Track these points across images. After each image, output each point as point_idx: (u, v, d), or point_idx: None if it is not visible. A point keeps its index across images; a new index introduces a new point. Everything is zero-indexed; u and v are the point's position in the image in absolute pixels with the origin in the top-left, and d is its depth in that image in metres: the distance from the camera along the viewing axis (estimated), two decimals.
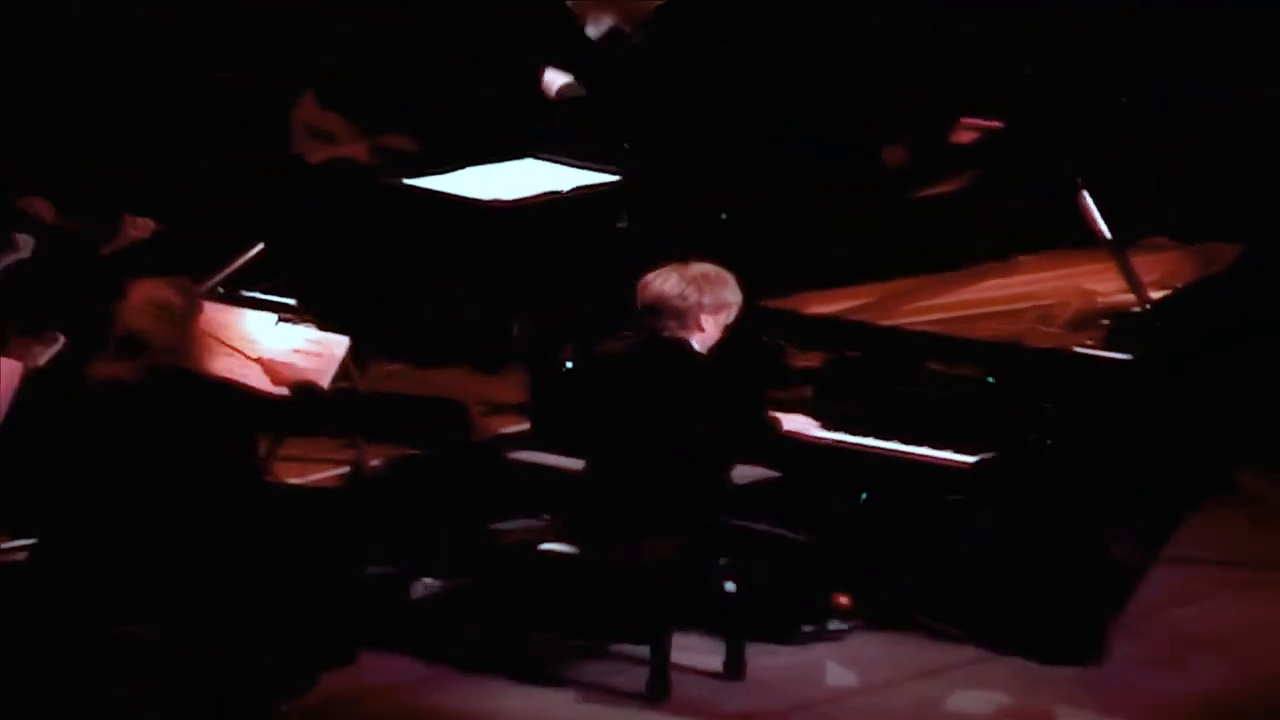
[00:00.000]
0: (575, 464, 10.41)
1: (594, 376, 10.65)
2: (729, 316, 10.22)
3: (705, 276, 10.31)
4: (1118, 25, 15.07)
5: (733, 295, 10.30)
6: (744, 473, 10.23)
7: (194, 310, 9.72)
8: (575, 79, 13.71)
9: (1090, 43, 14.99)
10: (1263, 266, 11.55)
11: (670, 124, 13.17)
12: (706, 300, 10.12)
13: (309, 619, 9.67)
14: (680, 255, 10.89)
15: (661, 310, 10.17)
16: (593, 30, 13.70)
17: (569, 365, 11.02)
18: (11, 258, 11.61)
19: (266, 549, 9.50)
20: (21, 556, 9.49)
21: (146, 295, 9.57)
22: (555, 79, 13.47)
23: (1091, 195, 10.63)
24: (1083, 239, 10.84)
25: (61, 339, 10.54)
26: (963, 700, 9.91)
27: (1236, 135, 14.04)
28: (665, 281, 10.31)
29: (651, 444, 10.06)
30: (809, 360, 10.55)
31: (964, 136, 12.41)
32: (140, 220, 12.06)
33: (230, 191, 12.82)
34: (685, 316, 10.12)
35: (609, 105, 13.48)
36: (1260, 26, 15.23)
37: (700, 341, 10.21)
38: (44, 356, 10.04)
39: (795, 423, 10.64)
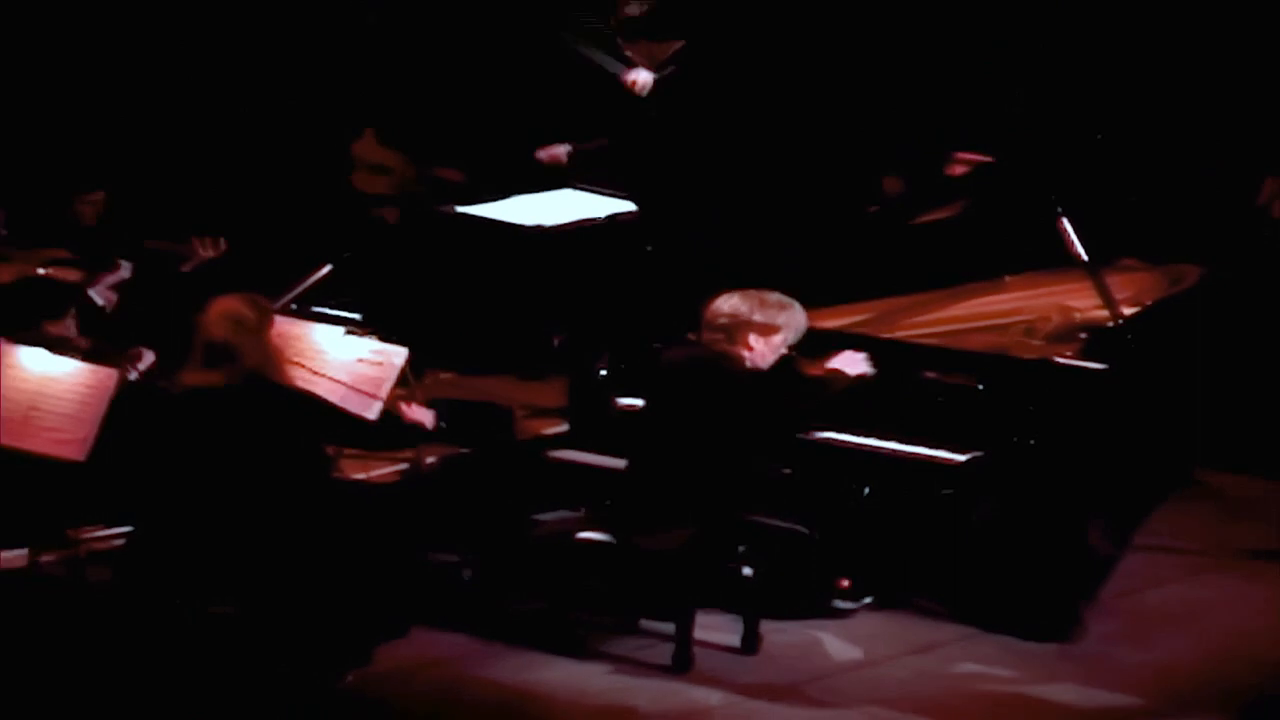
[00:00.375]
0: (607, 461, 10.50)
1: (649, 380, 10.60)
2: (783, 339, 10.21)
3: (762, 300, 10.29)
4: (1094, 70, 15.04)
5: (786, 319, 10.24)
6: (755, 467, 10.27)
7: (266, 323, 9.69)
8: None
9: (1069, 86, 14.95)
10: (1222, 285, 11.59)
11: (693, 159, 13.02)
12: (756, 318, 10.07)
13: (371, 599, 9.72)
14: (703, 276, 11.17)
15: (712, 325, 10.16)
16: (621, 69, 13.45)
17: (603, 373, 10.94)
18: (114, 278, 11.44)
19: (333, 537, 9.51)
20: (118, 543, 9.49)
21: (222, 309, 9.57)
22: (640, 75, 13.29)
23: (1070, 222, 10.62)
24: (1062, 261, 10.79)
25: (150, 353, 10.45)
26: (954, 672, 9.86)
27: (1200, 167, 13.88)
28: (727, 300, 10.28)
29: (686, 445, 10.03)
30: (817, 369, 10.36)
31: (957, 170, 12.34)
32: (213, 241, 12.05)
33: (301, 217, 12.90)
34: (733, 332, 10.10)
35: (634, 140, 13.25)
36: (1218, 71, 14.97)
37: (750, 359, 10.17)
38: (138, 368, 10.08)
39: (843, 359, 10.53)
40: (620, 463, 10.46)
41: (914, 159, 13.48)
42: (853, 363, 10.57)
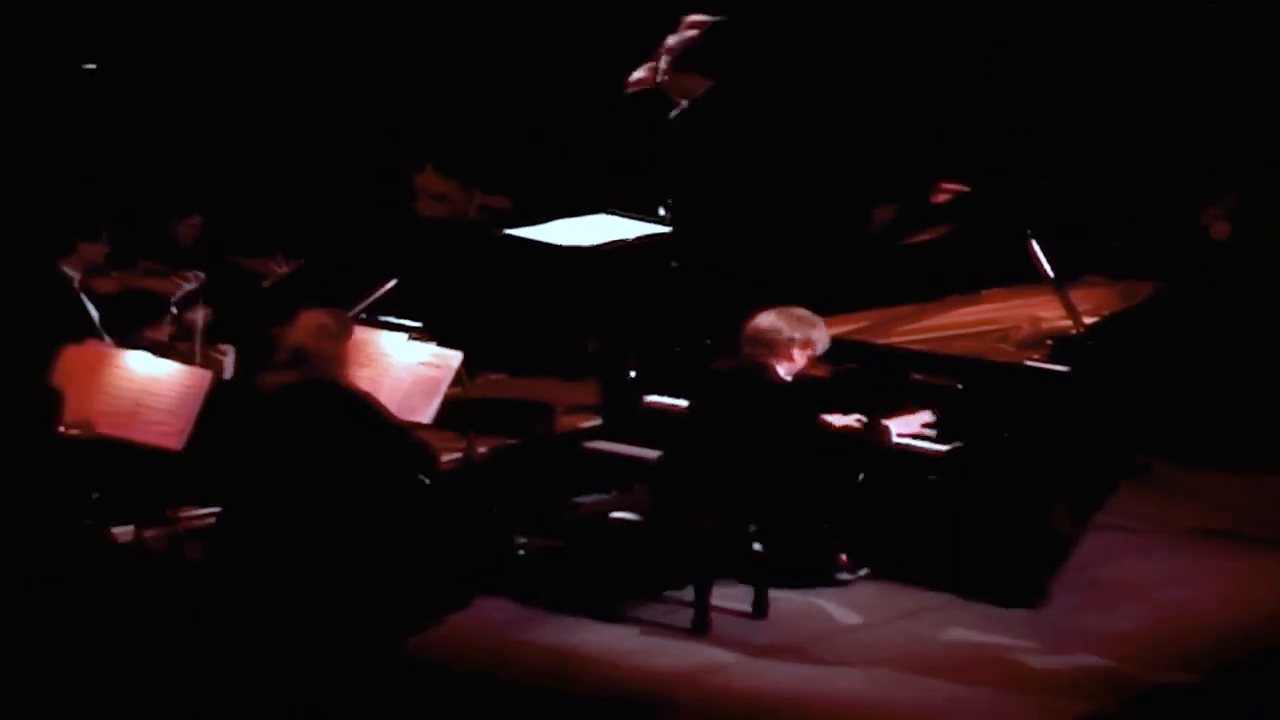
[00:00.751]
0: (635, 451, 10.57)
1: (697, 386, 10.57)
2: (815, 351, 10.28)
3: (799, 317, 10.36)
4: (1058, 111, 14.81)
5: (819, 334, 10.34)
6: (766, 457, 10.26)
7: (346, 333, 9.82)
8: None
9: (1039, 123, 14.79)
10: (1172, 299, 11.54)
11: (714, 187, 12.80)
12: (797, 335, 10.15)
13: (436, 572, 9.78)
14: (723, 291, 11.44)
15: (759, 340, 10.21)
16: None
17: (631, 374, 11.00)
18: (187, 288, 11.48)
19: (400, 518, 9.56)
20: (210, 521, 9.61)
21: (311, 320, 9.70)
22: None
23: (1038, 243, 10.64)
24: (1032, 277, 10.81)
25: (233, 352, 10.73)
26: (938, 635, 9.92)
27: (1152, 197, 13.72)
28: (766, 318, 10.33)
29: (730, 444, 10.06)
30: (820, 371, 10.45)
31: (941, 197, 12.35)
32: (286, 260, 12.22)
33: (371, 238, 12.88)
34: (778, 347, 10.16)
35: (664, 168, 13.02)
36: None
37: (786, 370, 10.25)
38: (229, 370, 10.44)
39: (904, 424, 10.52)
40: (646, 453, 10.49)
41: (910, 176, 13.28)
42: (909, 425, 10.54)
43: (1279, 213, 14.40)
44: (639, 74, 12.87)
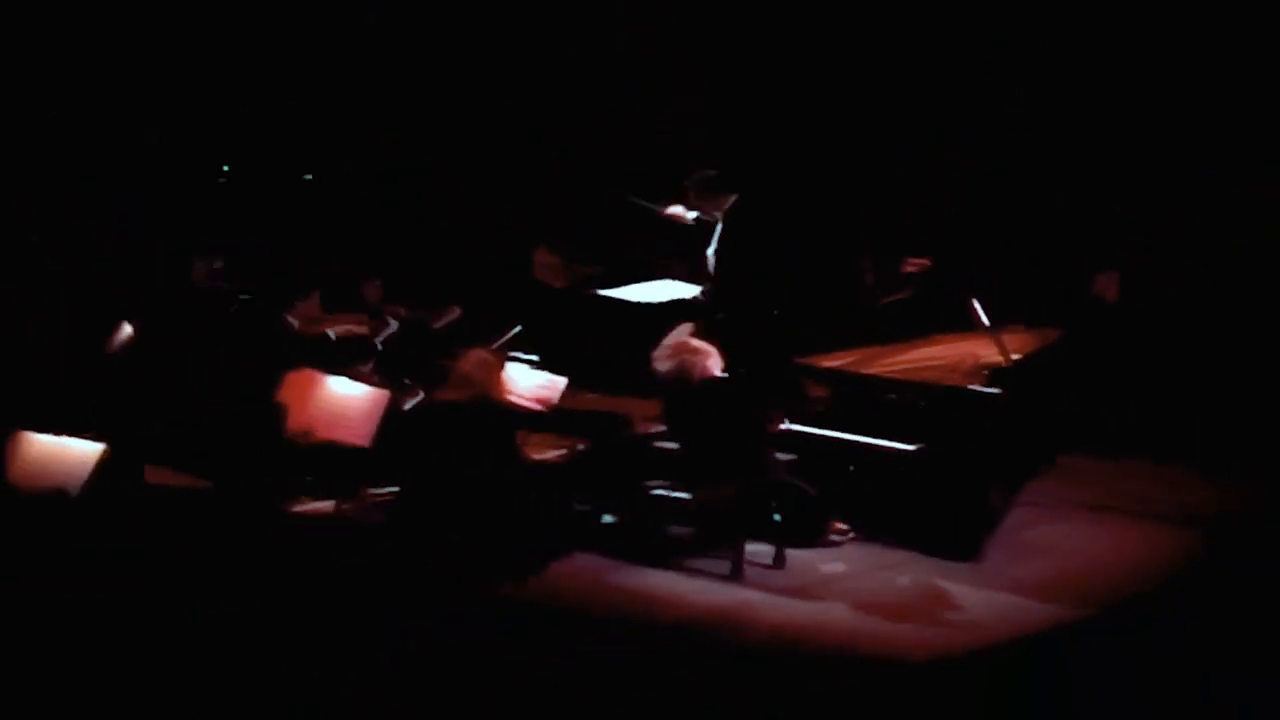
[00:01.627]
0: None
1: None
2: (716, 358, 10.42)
3: (684, 351, 10.50)
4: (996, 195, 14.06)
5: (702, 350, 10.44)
6: (782, 455, 10.43)
7: (500, 364, 10.16)
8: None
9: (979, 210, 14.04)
10: (1071, 340, 11.43)
11: (735, 268, 12.59)
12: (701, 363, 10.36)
13: (543, 533, 10.07)
14: (748, 336, 11.38)
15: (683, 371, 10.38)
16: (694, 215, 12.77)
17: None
18: (387, 332, 11.37)
19: (520, 495, 9.88)
20: (388, 497, 9.93)
21: (476, 355, 10.07)
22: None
23: (979, 302, 10.72)
24: (973, 326, 10.83)
25: (418, 387, 10.56)
26: (905, 580, 10.09)
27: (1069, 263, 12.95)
28: (665, 364, 10.51)
29: (724, 438, 10.17)
30: (820, 391, 10.78)
31: (908, 269, 12.19)
32: (453, 309, 11.84)
33: (502, 295, 12.37)
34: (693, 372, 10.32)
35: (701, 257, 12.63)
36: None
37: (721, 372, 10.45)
38: (410, 401, 10.49)
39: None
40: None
41: (883, 263, 12.60)
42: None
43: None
44: (673, 210, 12.43)
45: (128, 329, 10.54)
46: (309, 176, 13.94)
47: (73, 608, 8.48)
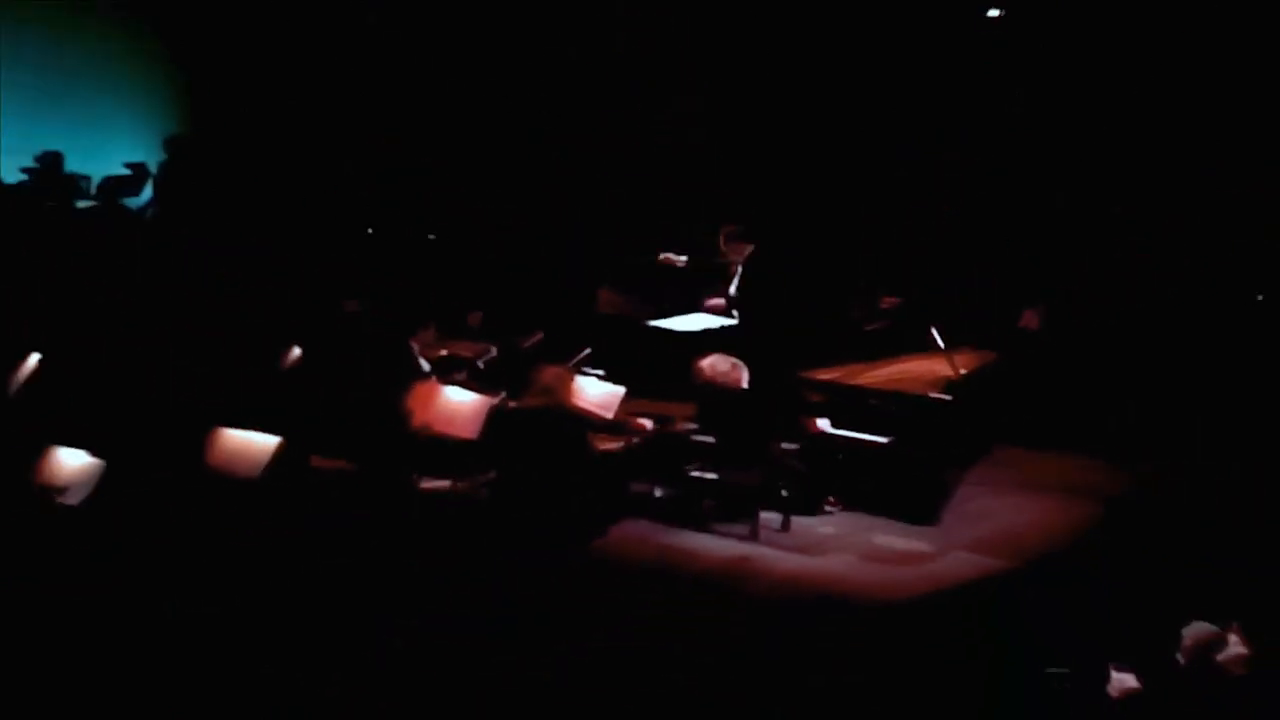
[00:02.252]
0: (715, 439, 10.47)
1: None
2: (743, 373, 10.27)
3: (719, 367, 10.28)
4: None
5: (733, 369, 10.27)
6: (787, 445, 10.35)
7: (572, 378, 10.16)
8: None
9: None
10: (1007, 361, 11.43)
11: (753, 304, 12.22)
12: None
13: (606, 505, 10.08)
14: (764, 351, 10.96)
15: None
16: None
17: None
18: (486, 354, 11.16)
19: (588, 476, 9.91)
20: (491, 478, 9.75)
21: (552, 372, 10.14)
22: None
23: (937, 330, 10.74)
24: (932, 348, 10.82)
25: (510, 395, 10.38)
26: (879, 537, 10.16)
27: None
28: (704, 378, 10.29)
29: (745, 434, 10.19)
30: (818, 397, 10.70)
31: (887, 304, 12.29)
32: (534, 334, 11.57)
33: (576, 325, 11.93)
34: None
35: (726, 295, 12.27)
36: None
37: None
38: (499, 403, 10.19)
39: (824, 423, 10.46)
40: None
41: (866, 299, 12.32)
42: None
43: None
44: (714, 301, 11.67)
45: (297, 351, 10.59)
46: (431, 236, 13.82)
47: (244, 567, 8.41)
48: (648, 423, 10.58)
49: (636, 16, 14.30)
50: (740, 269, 12.24)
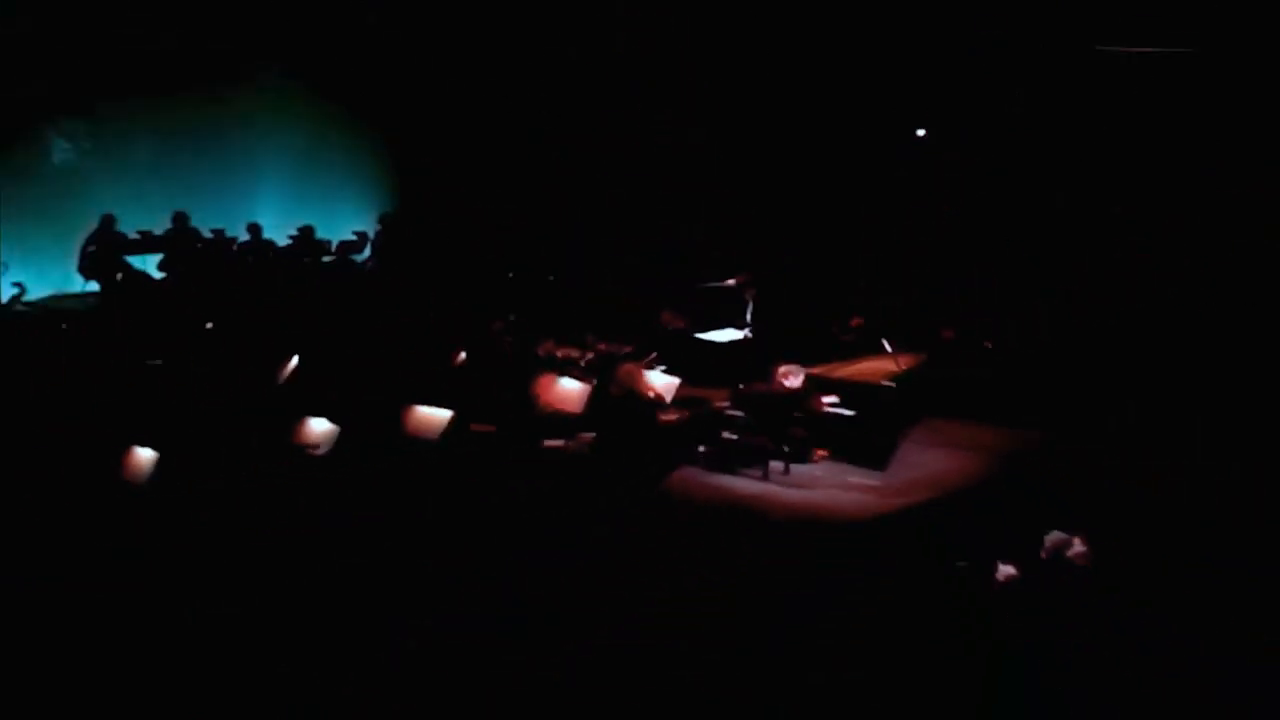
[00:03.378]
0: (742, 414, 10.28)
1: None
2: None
3: (789, 374, 10.13)
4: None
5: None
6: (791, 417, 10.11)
7: (641, 374, 10.18)
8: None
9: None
10: (931, 360, 11.03)
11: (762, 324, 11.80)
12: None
13: (667, 458, 9.86)
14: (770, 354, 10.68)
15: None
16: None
17: (740, 386, 10.37)
18: (588, 356, 10.72)
19: (654, 439, 9.96)
20: (592, 439, 9.65)
21: (630, 367, 10.27)
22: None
23: (887, 341, 10.67)
24: (884, 352, 10.68)
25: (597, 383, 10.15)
26: (848, 477, 10.00)
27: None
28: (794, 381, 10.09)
29: (762, 410, 10.02)
30: (801, 386, 10.17)
31: (854, 323, 11.83)
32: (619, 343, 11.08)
33: (647, 338, 11.12)
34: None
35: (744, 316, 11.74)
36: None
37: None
38: (595, 389, 9.96)
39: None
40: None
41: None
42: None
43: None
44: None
45: (462, 355, 10.57)
46: (551, 278, 13.47)
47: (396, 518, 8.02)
48: (695, 403, 10.41)
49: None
50: (750, 303, 11.95)
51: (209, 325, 10.91)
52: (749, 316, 11.85)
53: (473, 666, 6.64)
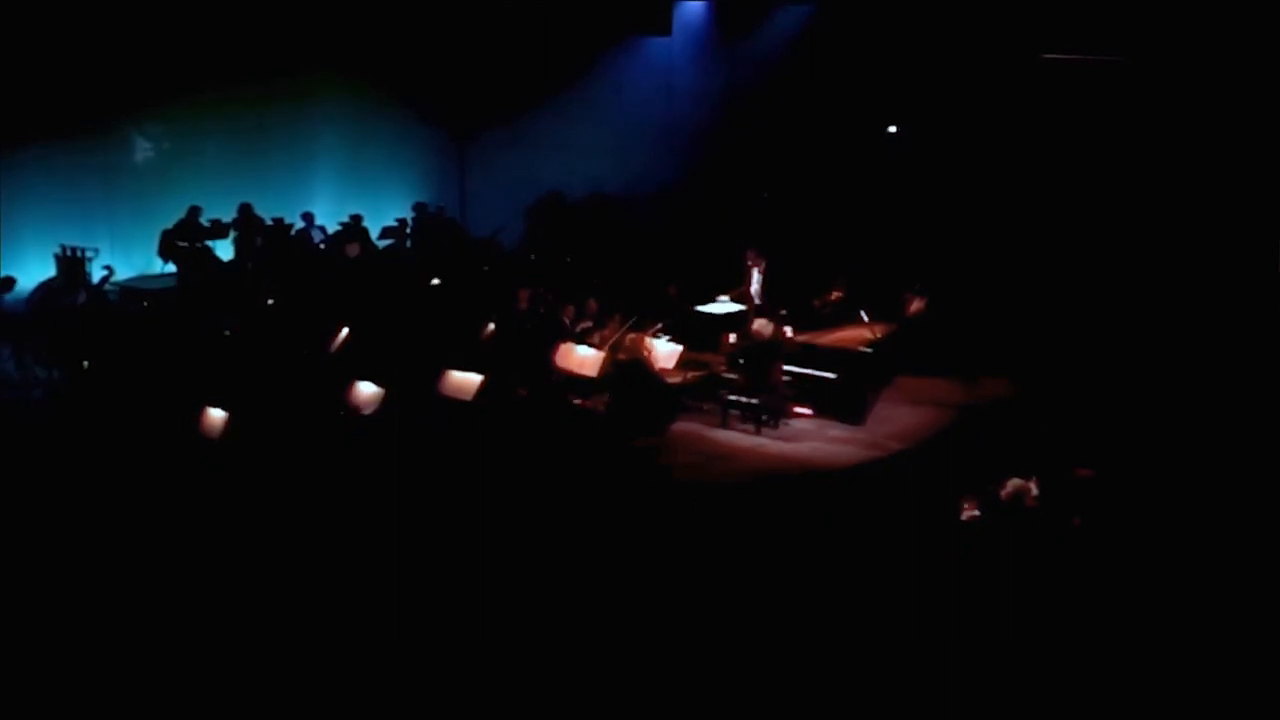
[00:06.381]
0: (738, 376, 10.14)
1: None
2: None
3: (762, 328, 10.01)
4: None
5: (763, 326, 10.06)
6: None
7: (645, 343, 9.91)
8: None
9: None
10: (899, 328, 10.60)
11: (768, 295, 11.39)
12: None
13: (671, 414, 9.79)
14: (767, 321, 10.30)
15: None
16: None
17: (741, 359, 10.20)
18: (601, 330, 10.47)
19: (659, 397, 9.72)
20: (606, 400, 9.52)
21: (635, 339, 9.95)
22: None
23: (864, 311, 10.51)
24: (861, 322, 10.53)
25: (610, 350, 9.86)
26: (832, 432, 9.90)
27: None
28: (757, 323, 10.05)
29: (756, 372, 9.85)
30: (794, 346, 10.23)
31: (835, 296, 11.36)
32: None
33: (651, 309, 10.68)
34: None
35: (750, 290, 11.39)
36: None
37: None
38: (607, 355, 9.75)
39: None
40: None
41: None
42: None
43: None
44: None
45: (491, 326, 10.39)
46: (568, 259, 13.03)
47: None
48: (696, 366, 10.20)
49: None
50: (756, 274, 11.56)
51: (271, 302, 10.90)
52: (754, 289, 11.49)
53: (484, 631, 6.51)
